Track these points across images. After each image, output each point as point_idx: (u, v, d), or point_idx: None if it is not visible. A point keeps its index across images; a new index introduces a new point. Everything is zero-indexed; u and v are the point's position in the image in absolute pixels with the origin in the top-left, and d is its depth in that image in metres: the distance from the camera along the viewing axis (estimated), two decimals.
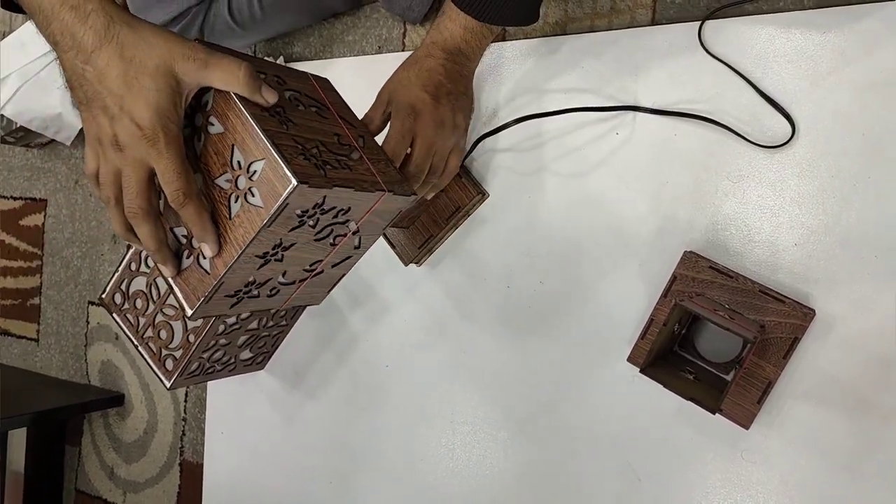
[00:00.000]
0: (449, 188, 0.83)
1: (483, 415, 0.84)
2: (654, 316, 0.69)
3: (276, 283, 0.59)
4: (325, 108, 0.61)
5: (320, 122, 0.58)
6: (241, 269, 0.53)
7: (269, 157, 0.50)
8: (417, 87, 0.70)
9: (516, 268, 0.82)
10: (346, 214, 0.57)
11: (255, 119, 0.51)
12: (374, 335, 0.92)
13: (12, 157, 1.39)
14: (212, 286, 0.53)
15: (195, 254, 0.54)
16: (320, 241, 0.58)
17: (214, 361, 0.92)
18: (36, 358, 1.35)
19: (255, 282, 0.56)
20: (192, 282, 0.54)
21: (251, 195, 0.51)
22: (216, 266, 0.53)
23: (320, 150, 0.55)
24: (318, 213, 0.54)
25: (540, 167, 0.80)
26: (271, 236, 0.53)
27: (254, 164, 0.51)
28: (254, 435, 1.02)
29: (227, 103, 0.52)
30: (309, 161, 0.52)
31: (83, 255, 1.28)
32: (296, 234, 0.55)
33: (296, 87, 0.59)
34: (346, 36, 0.98)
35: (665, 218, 0.73)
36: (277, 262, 0.56)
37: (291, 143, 0.52)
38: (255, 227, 0.51)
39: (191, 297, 0.54)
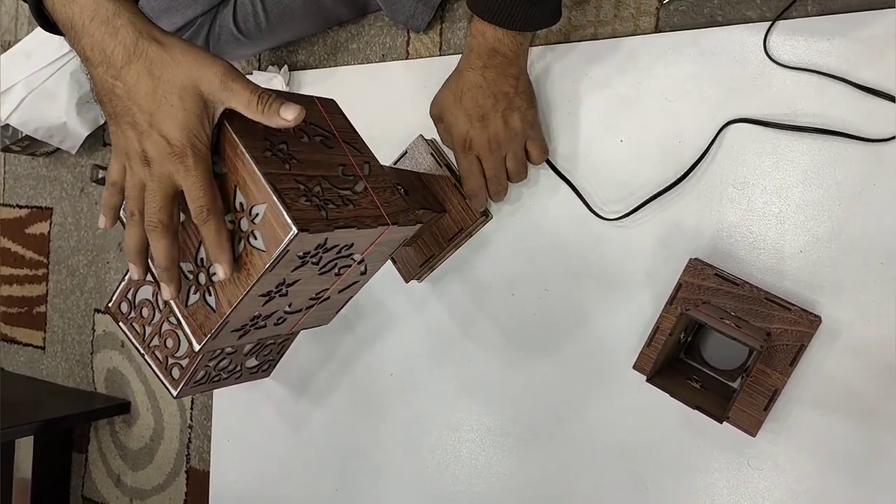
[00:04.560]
0: (452, 209, 0.83)
1: (489, 423, 0.84)
2: (660, 324, 0.69)
3: (281, 313, 0.59)
4: (331, 135, 0.60)
5: (325, 153, 0.58)
6: (245, 308, 0.54)
7: (269, 203, 0.50)
8: (464, 120, 0.73)
9: (520, 276, 0.82)
10: (350, 249, 0.57)
11: (256, 162, 0.51)
12: (379, 344, 0.92)
13: (18, 166, 1.40)
14: (218, 324, 0.54)
15: (201, 290, 0.54)
16: (324, 274, 0.58)
17: (220, 370, 0.92)
18: (42, 366, 1.36)
19: (261, 315, 0.57)
20: (199, 318, 0.55)
21: (253, 238, 0.52)
22: (221, 305, 0.54)
23: (323, 189, 0.55)
24: (321, 252, 0.54)
25: (542, 175, 0.80)
26: (274, 277, 0.53)
27: (256, 208, 0.51)
28: (260, 442, 1.02)
29: (231, 144, 0.52)
30: (311, 202, 0.52)
31: (89, 262, 1.29)
32: (299, 272, 0.55)
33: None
34: (350, 44, 0.98)
35: (670, 224, 0.73)
36: (282, 297, 0.56)
37: (293, 184, 0.52)
38: (258, 270, 0.51)
39: (198, 333, 0.55)
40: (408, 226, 0.60)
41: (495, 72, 0.70)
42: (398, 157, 0.87)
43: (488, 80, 0.71)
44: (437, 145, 0.86)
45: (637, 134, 0.76)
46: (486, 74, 0.70)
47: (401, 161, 0.87)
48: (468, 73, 0.71)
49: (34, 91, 1.17)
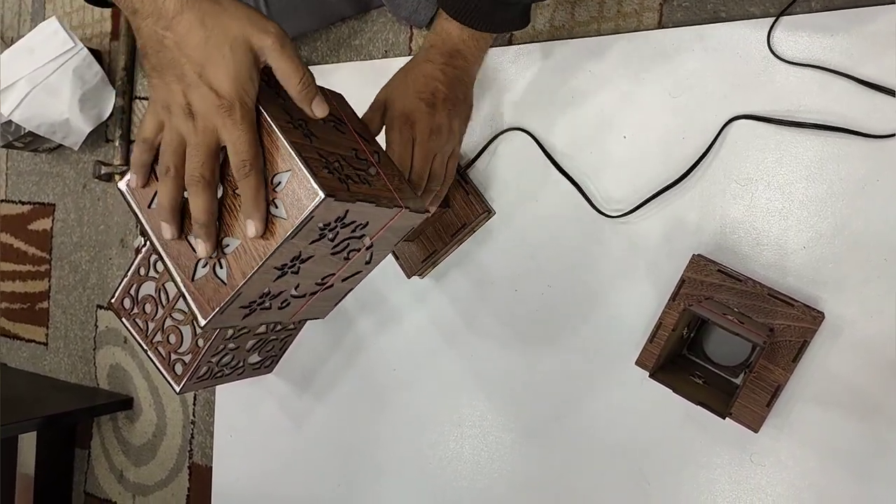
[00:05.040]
0: (455, 204, 0.83)
1: (491, 418, 0.84)
2: (663, 319, 0.69)
3: (287, 295, 0.59)
4: (343, 122, 0.61)
5: (339, 136, 0.59)
6: (258, 280, 0.54)
7: (294, 170, 0.51)
8: (413, 96, 0.69)
9: (523, 272, 0.82)
10: (364, 229, 0.58)
11: (282, 131, 0.51)
12: (381, 339, 0.92)
13: (20, 162, 1.40)
14: (228, 296, 0.53)
15: (212, 263, 0.54)
16: (336, 254, 0.58)
17: (223, 365, 0.92)
18: (45, 362, 1.36)
19: (270, 293, 0.57)
20: (206, 292, 0.54)
21: (274, 206, 0.51)
22: (234, 277, 0.53)
23: (342, 164, 0.55)
24: (339, 226, 0.54)
25: (545, 172, 0.80)
26: (292, 248, 0.53)
27: (278, 176, 0.51)
28: (262, 438, 1.03)
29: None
30: (333, 175, 0.53)
31: (91, 259, 1.29)
32: (315, 246, 0.55)
33: None
34: (352, 41, 0.98)
35: (673, 221, 0.73)
36: (294, 274, 0.56)
37: (316, 156, 0.53)
38: (279, 239, 0.51)
39: (205, 307, 0.54)
40: (417, 212, 0.60)
41: (453, 73, 0.71)
42: None
43: (447, 77, 0.70)
44: None
45: (640, 130, 0.76)
46: (446, 71, 0.70)
47: None
48: (427, 64, 0.71)
49: (37, 87, 1.17)
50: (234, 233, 0.53)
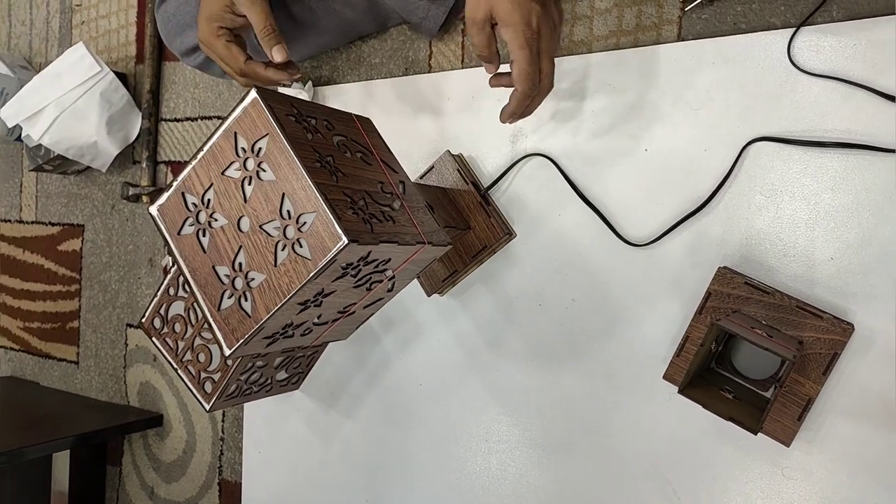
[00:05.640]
0: (476, 226, 0.84)
1: (518, 434, 0.84)
2: (690, 333, 0.69)
3: (310, 324, 0.60)
4: (370, 152, 0.62)
5: (365, 169, 0.60)
6: (281, 315, 0.55)
7: (320, 211, 0.52)
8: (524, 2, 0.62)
9: (547, 286, 0.82)
10: (386, 264, 0.59)
11: (308, 171, 0.53)
12: (406, 356, 0.93)
13: (50, 185, 1.43)
14: (252, 330, 0.55)
15: (237, 295, 0.55)
16: (358, 287, 0.59)
17: (252, 383, 0.93)
18: (76, 380, 1.38)
19: (293, 324, 0.58)
20: (231, 322, 0.56)
21: (299, 245, 0.53)
22: (258, 311, 0.54)
23: (367, 203, 0.56)
24: (362, 265, 0.56)
25: (567, 196, 0.80)
26: (315, 286, 0.54)
27: (304, 216, 0.53)
28: (290, 454, 1.03)
29: (282, 152, 0.54)
30: (357, 215, 0.54)
31: (121, 278, 1.31)
32: (337, 283, 0.56)
33: (343, 132, 0.61)
34: (372, 58, 0.99)
35: (697, 234, 0.73)
36: (316, 307, 0.57)
37: (341, 196, 0.54)
38: (302, 278, 0.52)
39: (230, 338, 0.56)
40: (440, 246, 0.61)
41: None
42: (424, 172, 0.88)
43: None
44: (463, 161, 0.87)
45: (661, 143, 0.76)
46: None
47: (427, 176, 0.88)
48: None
49: (65, 111, 1.20)
50: (259, 267, 0.54)
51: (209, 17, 0.77)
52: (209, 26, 0.77)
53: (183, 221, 0.59)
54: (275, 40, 0.75)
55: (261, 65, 0.77)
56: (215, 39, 0.77)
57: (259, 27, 0.74)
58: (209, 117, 1.20)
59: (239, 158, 0.56)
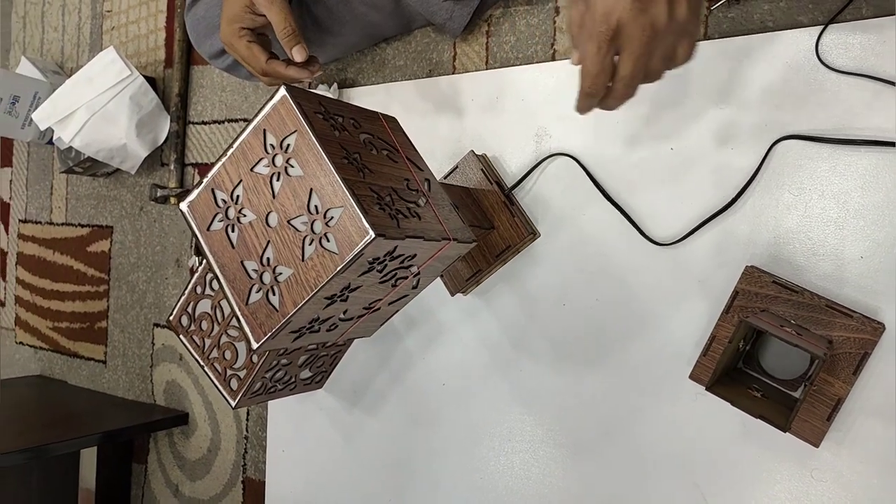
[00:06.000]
0: (500, 226, 0.84)
1: (542, 434, 0.84)
2: (716, 332, 0.68)
3: (336, 319, 0.61)
4: (396, 150, 0.63)
5: (391, 166, 0.61)
6: (308, 309, 0.56)
7: (347, 206, 0.53)
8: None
9: (571, 285, 0.82)
10: (412, 260, 0.59)
11: (335, 167, 0.53)
12: (429, 355, 0.93)
13: (80, 187, 1.45)
14: (279, 323, 0.55)
15: (265, 289, 0.56)
16: (383, 283, 0.60)
17: (276, 381, 0.94)
18: (104, 379, 1.40)
19: (319, 319, 0.59)
20: (259, 316, 0.57)
21: (326, 240, 0.53)
22: (285, 304, 0.55)
23: (393, 199, 0.57)
24: (388, 259, 0.56)
25: (592, 195, 0.80)
26: (342, 280, 0.55)
27: (331, 211, 0.53)
28: (314, 453, 1.04)
29: (311, 149, 0.54)
30: (384, 211, 0.54)
31: (148, 279, 1.33)
32: (364, 277, 0.57)
33: (370, 130, 0.62)
34: (397, 60, 1.00)
35: (723, 233, 0.73)
36: (342, 301, 0.58)
37: (368, 191, 0.55)
38: (329, 272, 0.53)
39: (257, 332, 0.57)
40: (465, 243, 0.62)
41: None
42: (448, 172, 0.89)
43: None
44: (487, 161, 0.87)
45: (687, 141, 0.75)
46: None
47: (451, 176, 0.88)
48: None
49: (96, 114, 1.22)
50: (287, 262, 0.55)
51: (230, 19, 0.78)
52: (230, 27, 0.79)
53: (213, 217, 0.60)
54: (294, 40, 0.76)
55: (282, 63, 0.78)
56: (237, 40, 0.78)
57: (279, 27, 0.76)
58: (236, 120, 1.22)
59: (268, 155, 0.57)
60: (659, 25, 0.52)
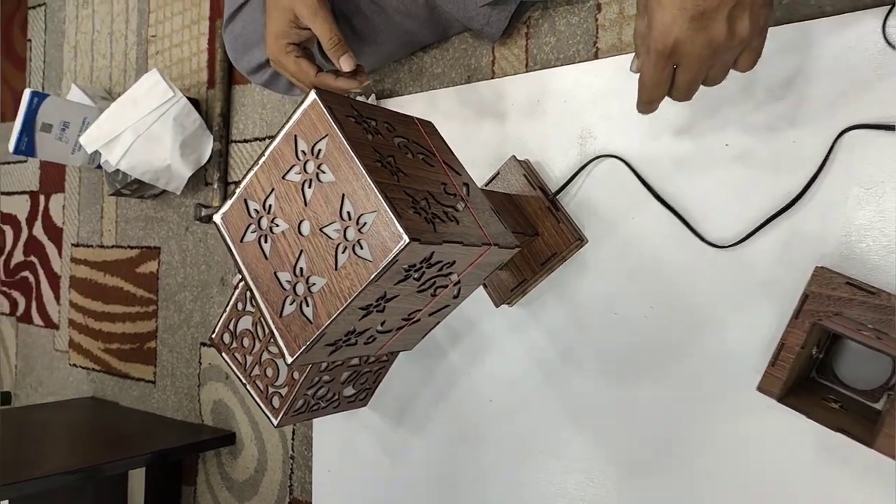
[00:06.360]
0: (545, 232, 0.81)
1: (597, 453, 0.79)
2: (786, 340, 0.63)
3: (373, 331, 0.58)
4: (432, 154, 0.61)
5: (428, 170, 0.59)
6: (343, 320, 0.53)
7: (380, 211, 0.50)
8: (673, 11, 0.52)
9: (622, 293, 0.77)
10: (451, 267, 0.57)
11: (367, 170, 0.51)
12: (475, 369, 0.89)
13: (128, 209, 1.48)
14: (314, 336, 0.53)
15: (298, 301, 0.54)
16: (422, 292, 0.57)
17: (319, 398, 0.92)
18: (153, 399, 1.41)
19: (355, 331, 0.56)
20: (293, 329, 0.54)
21: (359, 247, 0.51)
22: (319, 316, 0.53)
23: (429, 203, 0.54)
24: (425, 267, 0.54)
25: (642, 198, 0.76)
26: (377, 289, 0.52)
27: (364, 216, 0.51)
28: (360, 473, 1.01)
29: (342, 153, 0.52)
30: (419, 215, 0.52)
31: (194, 298, 1.33)
32: (400, 286, 0.54)
33: (404, 134, 0.60)
34: (434, 68, 0.98)
35: (789, 232, 0.67)
36: (379, 312, 0.56)
37: (402, 195, 0.52)
38: (363, 281, 0.51)
39: (292, 345, 0.55)
40: (507, 248, 0.59)
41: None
42: (490, 179, 0.85)
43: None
44: (529, 166, 0.84)
45: (743, 136, 0.70)
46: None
47: (493, 182, 0.85)
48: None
49: (141, 136, 1.24)
50: (320, 271, 0.53)
51: (276, 35, 0.77)
52: (277, 43, 0.77)
53: (245, 228, 0.58)
54: (342, 50, 0.74)
55: (331, 76, 0.76)
56: (284, 56, 0.77)
57: (325, 39, 0.74)
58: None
59: (299, 161, 0.55)
60: (717, 43, 0.53)
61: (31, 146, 1.33)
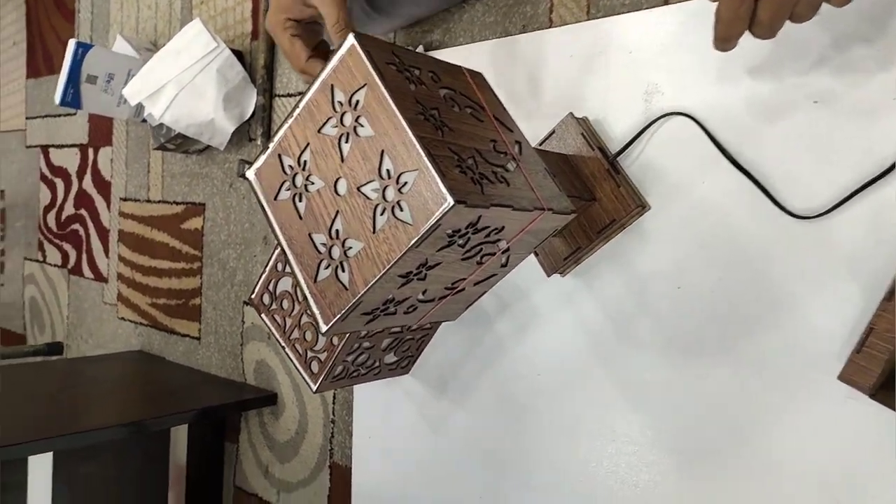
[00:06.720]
0: (604, 197, 0.74)
1: (652, 436, 0.73)
2: (875, 324, 0.56)
3: (414, 300, 0.54)
4: (481, 108, 0.56)
5: (476, 125, 0.54)
6: (381, 288, 0.49)
7: (422, 169, 0.45)
8: None
9: (688, 263, 0.71)
10: (499, 234, 0.52)
11: (409, 124, 0.46)
12: (524, 341, 0.84)
13: (174, 164, 1.46)
14: (349, 304, 0.50)
15: (334, 265, 0.50)
16: (467, 259, 0.53)
17: (359, 365, 0.89)
18: (198, 356, 1.41)
19: (394, 300, 0.52)
20: (328, 295, 0.51)
21: (399, 209, 0.47)
22: (355, 283, 0.49)
23: (476, 161, 0.49)
24: (471, 232, 0.49)
25: (713, 161, 0.69)
26: (417, 256, 0.48)
27: (405, 175, 0.46)
28: (400, 441, 0.98)
29: (381, 103, 0.48)
30: (465, 175, 0.47)
31: (238, 256, 1.32)
32: (443, 253, 0.50)
33: (451, 85, 0.55)
34: (486, 18, 0.91)
35: (884, 203, 0.59)
36: (420, 280, 0.51)
37: (447, 152, 0.47)
38: (402, 246, 0.46)
39: (326, 312, 0.51)
40: (562, 214, 0.54)
41: None
42: (544, 138, 0.79)
43: None
44: (588, 124, 0.77)
45: (835, 92, 0.62)
46: None
47: (547, 142, 0.79)
48: None
49: (184, 89, 1.21)
50: (357, 234, 0.49)
51: (279, 7, 0.71)
52: (277, 17, 0.72)
53: (279, 186, 0.54)
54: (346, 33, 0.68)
55: (321, 63, 0.71)
56: (281, 31, 0.72)
57: (331, 21, 0.67)
58: None
59: (336, 113, 0.51)
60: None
61: (76, 98, 1.32)
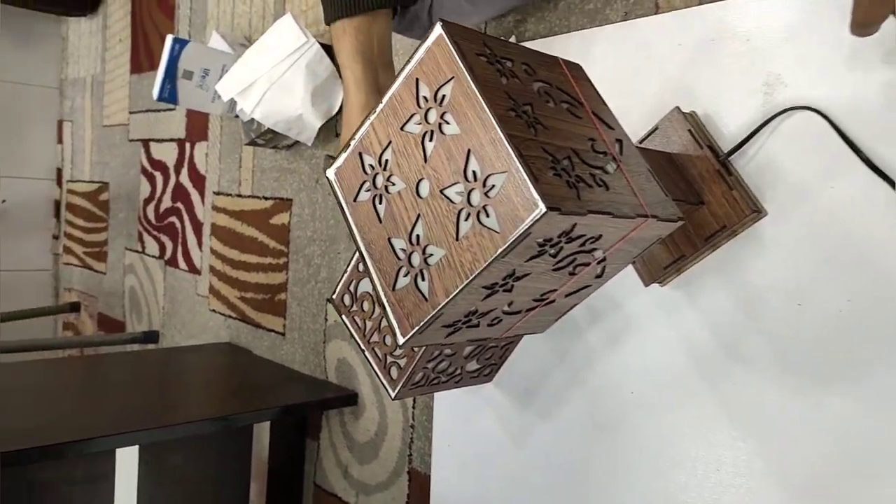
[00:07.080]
0: (713, 200, 0.67)
1: (761, 467, 0.66)
2: None
3: (499, 312, 0.50)
4: (579, 103, 0.51)
5: (573, 122, 0.49)
6: (463, 300, 0.45)
7: (512, 171, 0.41)
8: None
9: (811, 280, 0.63)
10: (595, 243, 0.47)
11: (499, 121, 0.42)
12: (615, 355, 0.78)
13: (264, 159, 1.47)
14: (429, 315, 0.46)
15: (413, 273, 0.47)
16: (558, 270, 0.48)
17: (440, 372, 0.85)
18: (282, 351, 1.42)
19: (477, 312, 0.48)
20: (406, 305, 0.47)
21: (485, 215, 0.43)
22: (435, 293, 0.45)
23: (573, 163, 0.45)
24: (564, 242, 0.44)
25: (841, 162, 0.60)
26: (504, 266, 0.44)
27: (492, 178, 0.42)
28: (481, 451, 0.94)
29: (469, 98, 0.44)
30: (560, 178, 0.42)
31: (322, 253, 1.31)
32: (532, 263, 0.45)
33: (546, 78, 0.50)
34: (585, 5, 0.85)
35: None
36: (506, 292, 0.47)
37: (540, 153, 0.43)
38: (487, 256, 0.42)
39: (404, 323, 0.48)
40: (667, 222, 0.48)
41: None
42: (646, 135, 0.73)
43: None
44: (696, 120, 0.70)
45: None
46: None
47: (649, 139, 0.72)
48: None
49: (274, 84, 1.21)
50: (438, 241, 0.45)
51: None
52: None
53: (360, 186, 0.51)
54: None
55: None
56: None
57: None
58: None
59: (420, 110, 0.47)
60: None
61: (173, 93, 1.35)
